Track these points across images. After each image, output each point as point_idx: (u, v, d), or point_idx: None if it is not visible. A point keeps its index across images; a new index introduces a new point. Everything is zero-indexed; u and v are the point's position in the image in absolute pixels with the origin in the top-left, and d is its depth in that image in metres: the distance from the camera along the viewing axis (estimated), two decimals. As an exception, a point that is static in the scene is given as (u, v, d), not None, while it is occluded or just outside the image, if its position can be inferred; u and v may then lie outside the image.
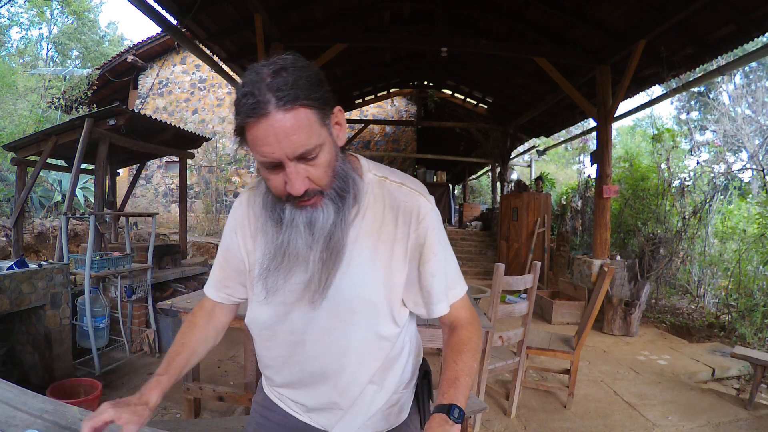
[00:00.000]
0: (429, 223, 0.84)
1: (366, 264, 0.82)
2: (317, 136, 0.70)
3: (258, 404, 1.02)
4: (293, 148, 0.69)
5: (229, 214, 0.96)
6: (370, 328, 0.85)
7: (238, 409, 2.69)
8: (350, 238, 0.81)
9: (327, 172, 0.75)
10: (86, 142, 3.71)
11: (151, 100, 11.78)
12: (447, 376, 0.81)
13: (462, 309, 0.91)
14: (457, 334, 0.88)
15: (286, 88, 0.67)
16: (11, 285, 2.50)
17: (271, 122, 0.67)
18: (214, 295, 0.99)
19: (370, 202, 0.83)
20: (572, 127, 9.67)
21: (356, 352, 0.86)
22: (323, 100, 0.71)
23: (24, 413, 0.93)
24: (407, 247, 0.84)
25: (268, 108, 0.66)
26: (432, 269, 0.85)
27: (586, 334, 2.78)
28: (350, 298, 0.83)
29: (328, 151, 0.74)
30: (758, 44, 4.40)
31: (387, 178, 0.86)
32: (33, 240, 6.92)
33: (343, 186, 0.78)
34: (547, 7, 5.12)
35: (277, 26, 5.15)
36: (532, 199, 7.38)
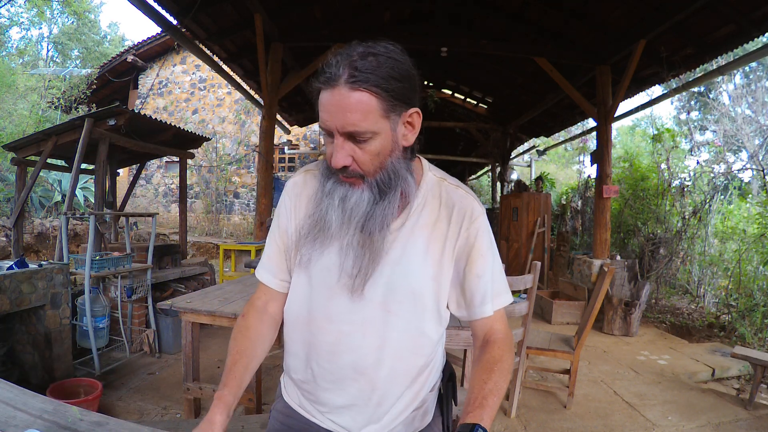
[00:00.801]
0: (480, 225, 0.87)
1: (419, 256, 0.83)
2: (373, 123, 0.74)
3: (278, 412, 0.99)
4: (344, 124, 0.73)
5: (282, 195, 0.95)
6: (414, 323, 0.85)
7: (238, 409, 2.69)
8: (406, 228, 0.84)
9: (373, 161, 0.77)
10: (86, 142, 3.71)
11: (151, 100, 11.79)
12: (474, 395, 0.78)
13: (499, 321, 0.90)
14: (490, 350, 0.85)
15: (362, 70, 0.72)
16: (11, 285, 2.50)
17: (335, 94, 0.73)
18: (271, 281, 0.95)
19: (428, 198, 0.87)
20: (572, 127, 9.67)
21: (396, 347, 0.84)
22: (397, 94, 0.74)
23: (24, 413, 0.93)
24: (456, 246, 0.86)
25: (338, 81, 0.72)
26: (478, 271, 0.86)
27: (586, 334, 2.78)
28: (399, 288, 0.82)
29: (381, 143, 0.76)
30: (758, 44, 4.40)
31: (445, 179, 0.91)
32: (33, 240, 6.92)
33: (387, 181, 0.79)
34: (546, 7, 5.12)
35: (277, 26, 5.15)
36: (532, 199, 7.38)
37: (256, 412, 2.33)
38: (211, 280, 4.78)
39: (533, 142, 11.78)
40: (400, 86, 0.74)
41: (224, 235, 10.85)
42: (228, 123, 11.61)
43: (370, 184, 0.79)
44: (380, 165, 0.78)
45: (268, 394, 2.72)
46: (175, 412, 2.67)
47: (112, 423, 0.94)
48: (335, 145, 0.76)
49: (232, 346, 0.91)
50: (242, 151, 11.54)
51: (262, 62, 4.98)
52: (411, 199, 0.84)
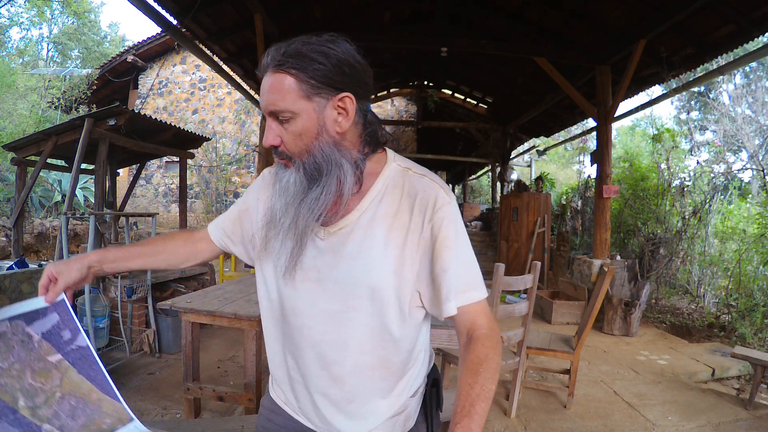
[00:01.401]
0: (445, 214, 0.82)
1: (377, 249, 0.81)
2: (291, 102, 0.76)
3: (264, 407, 1.01)
4: (266, 104, 0.78)
5: (257, 179, 1.00)
6: (375, 318, 0.82)
7: (238, 409, 2.69)
8: (363, 221, 0.82)
9: (297, 142, 0.79)
10: (86, 142, 3.71)
11: (151, 100, 11.78)
12: (461, 402, 0.74)
13: (480, 315, 0.85)
14: (474, 349, 0.81)
15: (286, 55, 0.76)
16: (11, 285, 2.51)
17: (264, 79, 0.78)
18: (214, 232, 1.03)
19: (389, 188, 0.84)
20: (572, 127, 9.67)
21: (358, 342, 0.83)
22: (320, 76, 0.76)
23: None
24: (420, 238, 0.82)
25: (266, 66, 0.78)
26: (444, 264, 0.81)
27: (586, 334, 2.78)
28: (357, 281, 0.81)
29: (303, 124, 0.78)
30: (758, 44, 4.40)
31: (410, 169, 0.87)
32: (33, 240, 6.92)
33: (315, 165, 0.79)
34: (546, 7, 5.12)
35: (277, 26, 5.15)
36: (532, 199, 7.38)
37: (256, 412, 2.32)
38: (211, 280, 4.78)
39: (533, 142, 11.77)
40: (325, 69, 0.76)
41: (224, 235, 10.84)
42: (228, 123, 11.61)
43: (298, 167, 0.80)
44: (305, 147, 0.79)
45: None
46: (175, 412, 2.67)
47: (112, 423, 0.94)
48: (267, 126, 0.80)
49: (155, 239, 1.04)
50: (242, 151, 11.53)
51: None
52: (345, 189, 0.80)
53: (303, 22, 5.59)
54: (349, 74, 0.78)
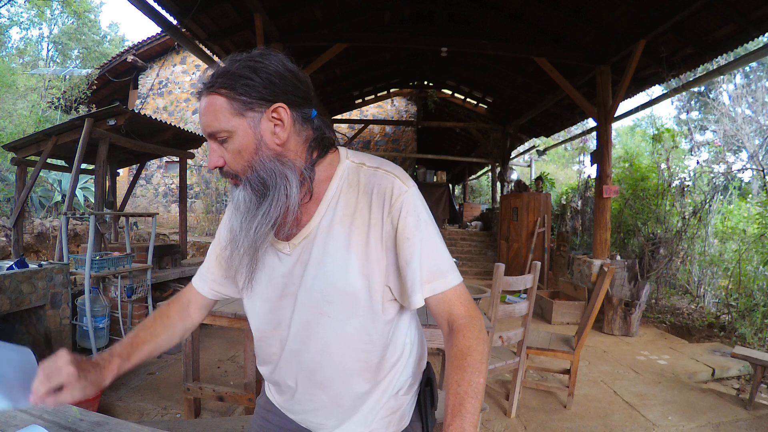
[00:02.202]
0: (402, 203, 0.79)
1: (340, 252, 0.79)
2: (225, 122, 0.76)
3: (260, 407, 1.02)
4: (203, 127, 0.78)
5: (228, 205, 0.95)
6: (349, 321, 0.81)
7: (238, 409, 2.69)
8: (323, 226, 0.81)
9: (237, 159, 0.78)
10: (86, 142, 3.71)
11: (151, 100, 11.78)
12: (451, 402, 0.73)
13: (456, 304, 0.81)
14: (456, 342, 0.78)
15: (215, 76, 0.78)
16: (11, 285, 2.51)
17: (200, 101, 0.79)
18: (203, 288, 0.99)
19: (344, 188, 0.82)
20: (572, 127, 9.67)
21: (336, 347, 0.83)
22: (249, 92, 0.76)
23: (24, 413, 0.93)
24: (382, 232, 0.79)
25: (201, 90, 0.79)
26: (407, 256, 0.79)
27: (586, 334, 2.78)
28: (325, 288, 0.80)
29: (240, 141, 0.77)
30: (758, 44, 4.40)
31: (364, 164, 0.84)
32: (33, 240, 6.92)
33: (260, 180, 0.78)
34: (546, 7, 5.13)
35: (277, 26, 5.15)
36: (532, 199, 7.38)
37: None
38: (211, 280, 4.78)
39: (533, 142, 11.78)
40: (253, 83, 0.76)
41: (224, 235, 10.84)
42: (228, 123, 11.61)
43: (245, 183, 0.80)
44: (246, 164, 0.78)
45: (268, 394, 2.72)
46: (175, 412, 2.67)
47: (112, 423, 0.94)
48: (210, 147, 0.80)
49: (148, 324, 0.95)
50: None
51: (262, 62, 4.98)
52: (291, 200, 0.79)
53: (303, 22, 5.59)
54: (280, 85, 0.77)
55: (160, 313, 0.98)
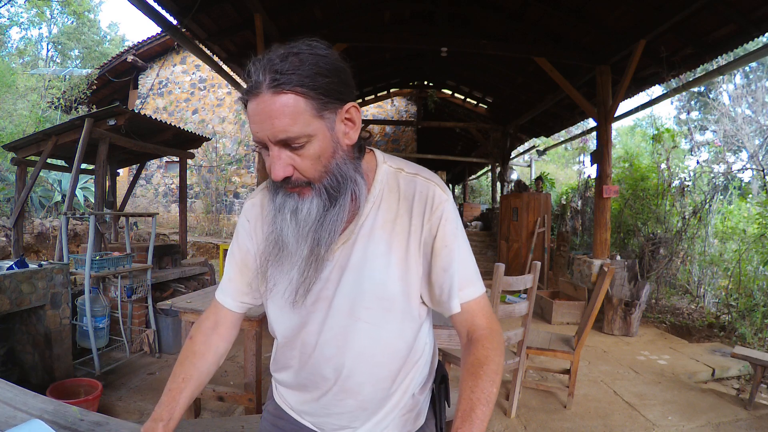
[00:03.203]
0: (442, 212, 0.80)
1: (380, 258, 0.79)
2: (305, 125, 0.69)
3: (269, 413, 0.98)
4: (274, 133, 0.68)
5: (242, 214, 0.92)
6: (385, 327, 0.81)
7: (238, 409, 2.69)
8: (365, 230, 0.79)
9: (315, 166, 0.72)
10: (86, 142, 3.71)
11: (151, 100, 11.78)
12: (462, 407, 0.73)
13: (478, 315, 0.83)
14: (474, 351, 0.79)
15: (283, 72, 0.67)
16: (11, 285, 2.51)
17: (260, 102, 0.68)
18: (231, 304, 0.94)
19: (384, 193, 0.81)
20: (572, 127, 9.67)
21: (370, 354, 0.82)
22: (326, 91, 0.69)
23: (24, 413, 0.93)
24: (421, 239, 0.80)
25: (261, 88, 0.68)
26: (443, 263, 0.80)
27: (586, 334, 2.78)
28: (365, 294, 0.79)
29: (320, 145, 0.71)
30: (758, 44, 4.40)
31: (402, 169, 0.83)
32: (33, 240, 6.92)
33: (335, 185, 0.74)
34: (546, 7, 5.12)
35: (277, 26, 5.15)
36: (532, 199, 7.38)
37: (256, 412, 2.33)
38: (211, 280, 4.78)
39: (533, 142, 11.77)
40: (329, 81, 0.69)
41: (224, 235, 10.85)
42: (228, 123, 11.61)
43: (319, 191, 0.74)
44: (324, 169, 0.73)
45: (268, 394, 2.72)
46: (175, 412, 2.67)
47: (112, 423, 0.94)
48: (272, 156, 0.71)
49: (177, 370, 0.90)
50: (242, 151, 11.53)
51: (262, 62, 4.98)
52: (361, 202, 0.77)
53: (303, 22, 5.59)
54: (345, 81, 0.73)
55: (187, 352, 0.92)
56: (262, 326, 2.42)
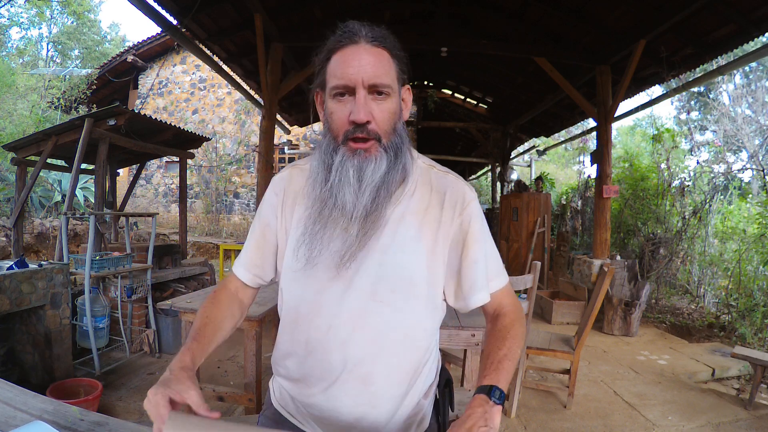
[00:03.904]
0: (472, 210, 0.86)
1: (410, 243, 0.81)
2: (392, 80, 0.77)
3: (267, 419, 0.95)
4: (370, 75, 0.75)
5: (268, 190, 0.93)
6: (408, 313, 0.81)
7: (238, 409, 2.69)
8: (396, 214, 0.82)
9: (389, 121, 0.78)
10: (86, 142, 3.71)
11: (151, 100, 11.78)
12: (490, 361, 0.79)
13: (505, 298, 0.91)
14: (501, 321, 0.87)
15: (378, 33, 0.78)
16: (11, 285, 2.51)
17: (358, 49, 0.76)
18: (244, 275, 0.95)
19: (418, 183, 0.85)
20: (572, 127, 9.67)
21: (389, 340, 0.81)
22: (402, 64, 0.80)
23: (24, 413, 0.93)
24: (451, 232, 0.84)
25: (359, 38, 0.77)
26: (474, 256, 0.84)
27: (586, 334, 2.78)
28: (390, 276, 0.79)
29: (395, 103, 0.79)
30: (758, 44, 4.40)
31: (434, 167, 0.90)
32: (33, 240, 6.92)
33: (399, 146, 0.80)
34: (546, 7, 5.12)
35: (277, 26, 5.14)
36: (532, 199, 7.38)
37: (256, 412, 2.33)
38: (211, 280, 4.78)
39: (533, 142, 11.77)
40: (403, 57, 0.80)
41: (224, 235, 10.85)
42: (228, 123, 11.61)
43: (386, 148, 0.78)
44: (393, 127, 0.79)
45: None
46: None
47: (112, 423, 0.94)
48: (358, 99, 0.75)
49: (201, 312, 0.89)
50: (242, 151, 11.54)
51: (262, 62, 4.98)
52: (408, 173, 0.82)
53: (303, 22, 5.59)
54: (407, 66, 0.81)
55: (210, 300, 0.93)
56: (262, 326, 2.42)
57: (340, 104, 0.78)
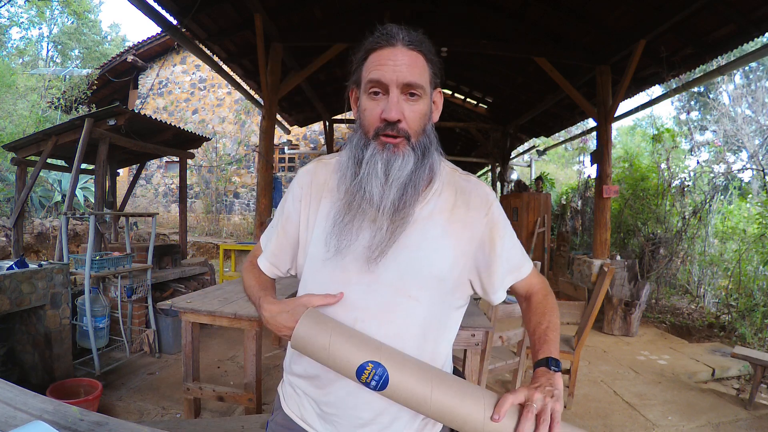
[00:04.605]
0: (496, 209, 0.91)
1: (438, 240, 0.85)
2: (425, 82, 0.81)
3: (277, 424, 0.94)
4: (404, 75, 0.79)
5: (293, 183, 0.96)
6: (433, 308, 0.84)
7: (238, 409, 2.69)
8: (425, 213, 0.85)
9: (419, 121, 0.82)
10: (86, 142, 3.71)
11: (151, 100, 11.79)
12: (537, 336, 0.87)
13: (534, 280, 0.97)
14: (535, 299, 0.94)
15: (415, 36, 0.82)
16: (11, 285, 2.51)
17: (394, 51, 0.80)
18: (263, 262, 0.99)
19: (444, 184, 0.90)
20: (572, 127, 9.66)
21: (412, 336, 0.81)
22: (435, 68, 0.85)
23: (24, 413, 0.93)
24: (478, 232, 0.88)
25: (396, 41, 0.80)
26: (500, 251, 0.89)
27: (586, 334, 2.78)
28: (419, 273, 0.82)
29: (426, 105, 0.83)
30: (758, 44, 4.40)
31: (456, 170, 0.95)
32: (33, 240, 6.92)
33: (427, 146, 0.84)
34: (546, 7, 5.12)
35: (277, 26, 5.15)
36: (532, 199, 7.38)
37: (256, 412, 2.33)
38: (211, 280, 4.78)
39: (533, 142, 11.78)
40: (437, 62, 0.85)
41: (224, 235, 10.85)
42: (228, 123, 11.61)
43: (414, 146, 0.82)
44: (423, 127, 0.83)
45: (268, 394, 2.72)
46: (175, 412, 2.67)
47: (112, 423, 0.94)
48: (392, 98, 0.79)
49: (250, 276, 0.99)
50: (242, 151, 11.54)
51: (262, 62, 4.98)
52: (434, 177, 0.87)
53: (303, 22, 5.59)
54: (440, 70, 0.86)
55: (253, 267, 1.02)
56: (262, 326, 2.42)
57: (373, 102, 0.81)
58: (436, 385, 0.74)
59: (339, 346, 0.76)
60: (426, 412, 0.74)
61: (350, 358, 0.75)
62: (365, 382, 0.74)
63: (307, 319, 0.78)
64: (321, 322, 0.78)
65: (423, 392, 0.73)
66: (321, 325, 0.77)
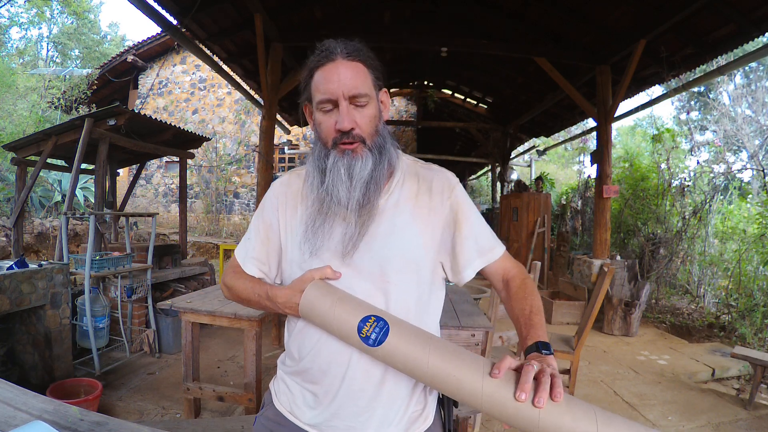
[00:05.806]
0: (458, 192, 0.96)
1: (407, 226, 0.90)
2: (368, 88, 0.87)
3: (266, 419, 0.96)
4: (349, 87, 0.84)
5: (269, 193, 1.01)
6: (411, 289, 0.88)
7: (238, 409, 2.69)
8: (391, 203, 0.91)
9: (371, 125, 0.88)
10: (86, 142, 3.71)
11: (151, 100, 11.78)
12: (522, 322, 0.87)
13: (507, 264, 0.99)
14: (513, 283, 0.95)
15: (352, 49, 0.87)
16: (11, 285, 2.51)
17: (336, 65, 0.85)
18: (254, 270, 0.99)
19: (406, 174, 0.95)
20: (572, 127, 9.67)
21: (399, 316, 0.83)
22: (377, 72, 0.90)
23: (24, 413, 0.93)
24: (442, 216, 0.93)
25: (335, 56, 0.86)
26: (466, 233, 0.93)
27: (586, 334, 2.78)
28: (395, 258, 0.87)
29: (374, 108, 0.89)
30: (758, 44, 4.40)
31: (417, 162, 1.00)
32: (33, 240, 6.92)
33: (382, 145, 0.90)
34: (547, 7, 5.12)
35: (277, 26, 5.14)
36: (532, 199, 7.38)
37: (256, 412, 2.33)
38: (211, 280, 4.78)
39: (533, 142, 11.77)
40: (378, 65, 0.90)
41: (224, 235, 10.85)
42: (228, 123, 11.61)
43: (371, 148, 0.88)
44: (375, 130, 0.89)
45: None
46: (175, 412, 2.67)
47: (112, 423, 0.94)
48: (342, 110, 0.85)
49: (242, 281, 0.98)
50: (242, 151, 11.53)
51: (262, 62, 4.98)
52: (395, 170, 0.93)
53: (303, 22, 5.59)
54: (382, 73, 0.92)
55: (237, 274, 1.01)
56: (262, 326, 2.42)
57: (326, 116, 0.88)
58: (434, 346, 0.75)
59: (343, 304, 0.81)
60: (423, 374, 0.75)
61: (353, 313, 0.79)
62: (365, 337, 0.77)
63: (313, 286, 0.84)
64: (326, 288, 0.84)
65: (422, 351, 0.75)
66: (326, 290, 0.84)
